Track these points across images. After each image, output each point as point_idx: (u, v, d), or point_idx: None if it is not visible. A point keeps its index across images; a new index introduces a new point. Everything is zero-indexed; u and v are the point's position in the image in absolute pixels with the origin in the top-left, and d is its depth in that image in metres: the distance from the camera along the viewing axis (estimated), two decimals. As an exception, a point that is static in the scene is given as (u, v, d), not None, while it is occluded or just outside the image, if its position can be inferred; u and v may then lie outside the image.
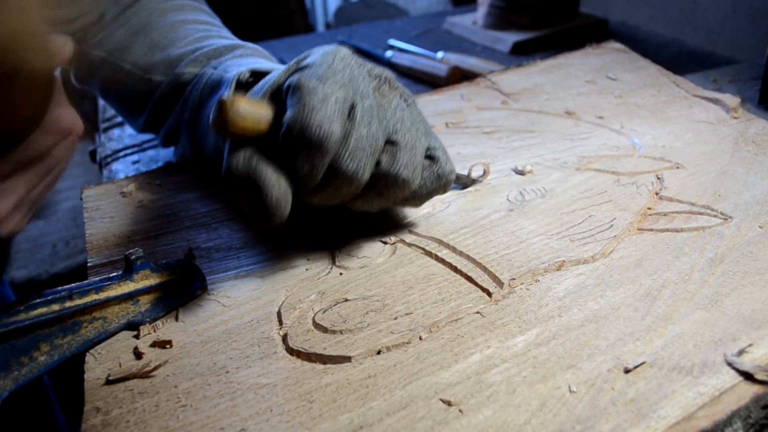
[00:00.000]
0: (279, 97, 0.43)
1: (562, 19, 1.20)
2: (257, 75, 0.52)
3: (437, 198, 0.54)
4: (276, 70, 0.46)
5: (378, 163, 0.42)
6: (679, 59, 1.06)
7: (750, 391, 0.34)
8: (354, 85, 0.42)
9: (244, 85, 0.51)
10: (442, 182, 0.46)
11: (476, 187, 0.56)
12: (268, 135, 0.41)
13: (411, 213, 0.53)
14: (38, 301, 0.40)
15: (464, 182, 0.56)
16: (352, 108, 0.41)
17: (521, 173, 0.55)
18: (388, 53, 1.10)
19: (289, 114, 0.39)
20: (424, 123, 0.47)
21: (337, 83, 0.40)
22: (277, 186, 0.39)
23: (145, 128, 0.66)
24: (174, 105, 0.60)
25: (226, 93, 0.45)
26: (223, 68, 0.56)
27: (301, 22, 2.80)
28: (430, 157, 0.46)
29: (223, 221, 0.54)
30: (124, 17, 0.62)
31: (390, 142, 0.43)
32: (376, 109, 0.42)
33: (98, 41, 0.61)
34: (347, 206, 0.45)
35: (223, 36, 0.64)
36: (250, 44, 0.62)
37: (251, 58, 0.59)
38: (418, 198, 0.46)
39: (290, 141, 0.39)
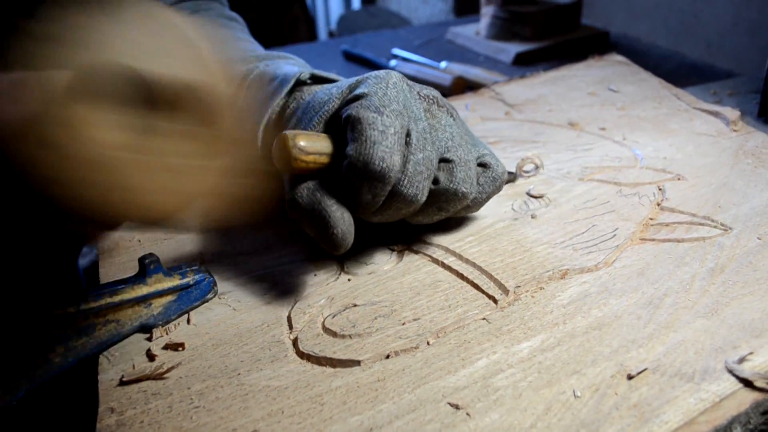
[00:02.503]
0: (334, 123, 0.45)
1: (563, 31, 1.22)
2: (315, 79, 0.53)
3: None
4: (328, 87, 0.48)
5: (436, 181, 0.44)
6: (680, 72, 1.07)
7: (750, 397, 0.34)
8: (408, 112, 0.43)
9: (300, 83, 0.53)
10: (497, 184, 0.48)
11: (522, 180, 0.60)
12: (329, 165, 0.42)
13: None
14: (54, 303, 0.41)
15: (510, 179, 0.59)
16: (407, 135, 0.42)
17: (535, 197, 0.56)
18: (392, 62, 1.11)
19: (351, 148, 0.40)
20: (470, 133, 0.49)
21: (394, 112, 0.41)
22: (342, 221, 0.41)
23: None
24: None
25: (287, 129, 0.47)
26: (275, 66, 0.56)
27: (305, 30, 2.81)
28: (483, 164, 0.48)
29: (233, 227, 0.55)
30: None
31: (445, 160, 0.44)
32: (429, 132, 0.44)
33: None
34: (406, 220, 0.47)
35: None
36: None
37: (293, 61, 0.60)
38: (477, 204, 0.48)
39: (353, 174, 0.40)
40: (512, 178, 0.59)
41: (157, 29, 0.33)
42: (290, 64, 0.57)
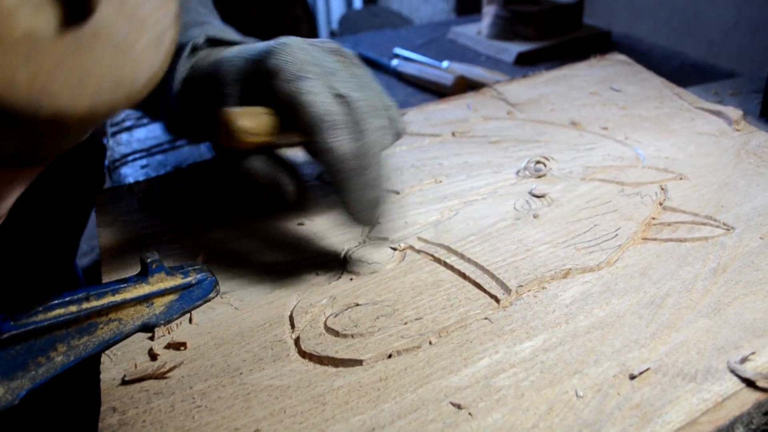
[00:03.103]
0: (252, 93, 0.45)
1: (565, 31, 1.22)
2: (212, 42, 0.54)
3: (445, 205, 0.55)
4: (231, 59, 0.48)
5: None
6: (681, 71, 1.07)
7: (752, 397, 0.34)
8: (324, 68, 0.44)
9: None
10: (398, 137, 0.50)
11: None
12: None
13: (419, 220, 0.54)
14: (56, 302, 0.41)
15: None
16: (333, 89, 0.43)
17: (538, 197, 0.56)
18: (394, 62, 1.11)
19: (297, 119, 0.42)
20: (374, 78, 0.49)
21: (314, 74, 0.43)
22: (292, 182, 0.44)
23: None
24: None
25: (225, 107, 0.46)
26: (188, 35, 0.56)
27: (307, 29, 2.81)
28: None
29: (234, 225, 0.55)
30: None
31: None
32: (350, 78, 0.46)
33: None
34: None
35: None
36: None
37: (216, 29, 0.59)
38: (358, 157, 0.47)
39: (309, 135, 0.42)
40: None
41: None
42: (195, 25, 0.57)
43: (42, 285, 0.69)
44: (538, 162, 0.61)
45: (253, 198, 0.46)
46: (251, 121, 0.42)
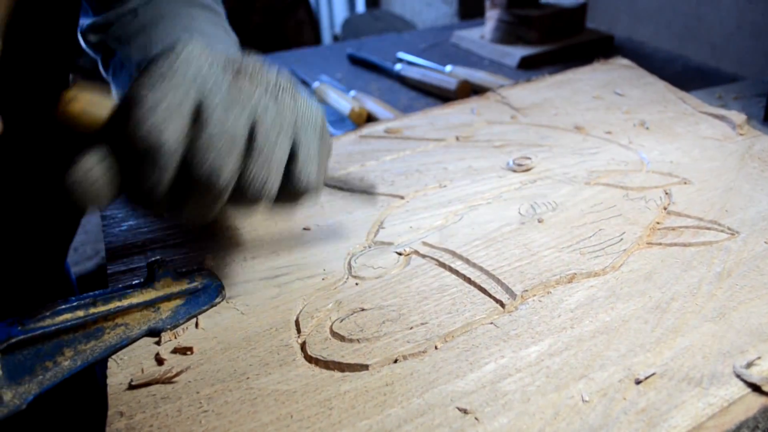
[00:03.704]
0: None
1: (568, 35, 1.22)
2: None
3: (450, 210, 0.56)
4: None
5: None
6: (684, 75, 1.07)
7: (758, 402, 0.34)
8: (199, 84, 0.38)
9: None
10: (298, 193, 0.43)
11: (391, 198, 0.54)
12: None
13: (424, 225, 0.54)
14: (63, 307, 0.41)
15: (362, 189, 0.53)
16: (198, 109, 0.38)
17: (519, 165, 0.55)
18: (397, 66, 1.12)
19: (119, 129, 0.36)
20: (299, 117, 0.42)
21: (174, 85, 0.37)
22: (92, 161, 0.36)
23: None
24: None
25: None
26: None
27: (310, 33, 2.82)
28: (289, 164, 0.42)
29: (240, 231, 0.55)
30: (143, 10, 0.63)
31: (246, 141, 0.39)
32: (231, 105, 0.39)
33: (117, 35, 0.63)
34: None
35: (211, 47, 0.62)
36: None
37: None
38: (282, 206, 0.44)
39: (125, 157, 0.36)
40: (370, 190, 0.53)
41: None
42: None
43: (32, 287, 0.69)
44: (522, 158, 0.62)
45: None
46: (86, 99, 0.37)
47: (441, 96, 1.02)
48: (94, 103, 0.38)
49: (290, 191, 0.42)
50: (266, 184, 0.40)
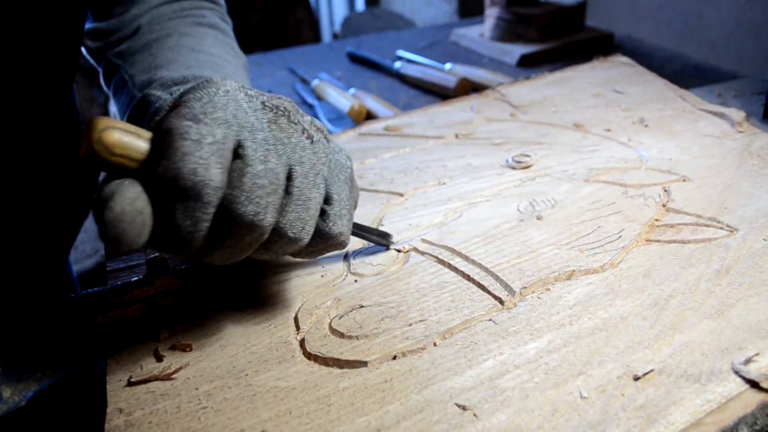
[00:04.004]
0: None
1: (568, 32, 1.22)
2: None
3: (449, 207, 0.56)
4: (170, 96, 0.41)
5: None
6: (684, 73, 1.07)
7: (756, 398, 0.35)
8: (241, 120, 0.37)
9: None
10: (329, 243, 0.42)
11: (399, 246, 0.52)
12: (145, 174, 0.35)
13: (423, 222, 0.54)
14: (63, 304, 0.41)
15: (383, 243, 0.51)
16: (240, 146, 0.36)
17: (519, 162, 0.55)
18: (397, 64, 1.12)
19: (160, 163, 0.34)
20: (332, 162, 0.42)
21: (216, 120, 0.35)
22: (129, 201, 0.33)
23: None
24: (141, 124, 0.56)
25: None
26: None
27: (310, 31, 2.82)
28: (323, 211, 0.41)
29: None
30: (147, 25, 0.63)
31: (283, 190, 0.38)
32: (274, 143, 0.38)
33: (120, 50, 0.62)
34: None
35: (218, 71, 0.60)
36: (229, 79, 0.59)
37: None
38: (306, 254, 0.43)
39: (164, 194, 0.34)
40: (383, 242, 0.51)
41: None
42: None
43: (35, 284, 0.69)
44: (521, 155, 0.63)
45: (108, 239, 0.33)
46: (121, 137, 0.34)
47: (440, 94, 1.02)
48: (128, 134, 0.35)
49: (321, 237, 0.41)
50: (305, 227, 0.39)
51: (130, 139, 0.34)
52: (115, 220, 0.32)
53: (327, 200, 0.41)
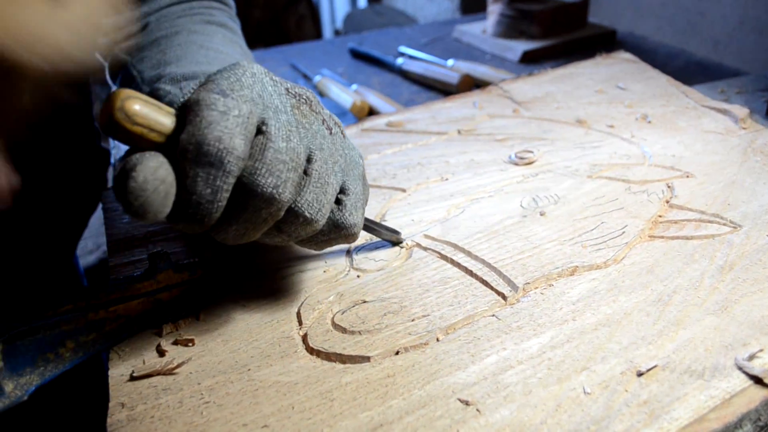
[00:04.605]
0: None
1: (570, 29, 1.22)
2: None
3: (452, 203, 0.55)
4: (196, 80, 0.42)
5: None
6: (687, 70, 1.07)
7: (760, 394, 0.34)
8: (266, 101, 0.38)
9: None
10: (341, 233, 0.42)
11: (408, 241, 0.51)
12: (169, 149, 0.35)
13: (424, 218, 0.54)
14: (65, 298, 0.41)
15: (393, 239, 0.51)
16: (263, 124, 0.37)
17: (522, 159, 0.55)
18: (399, 60, 1.11)
19: (184, 131, 0.34)
20: (347, 157, 0.43)
21: (243, 97, 0.36)
22: (152, 171, 0.33)
23: None
24: None
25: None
26: (184, 94, 0.53)
27: (312, 28, 2.81)
28: (338, 201, 0.42)
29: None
30: (155, 21, 0.63)
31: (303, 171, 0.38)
32: (296, 126, 0.38)
33: (128, 45, 0.62)
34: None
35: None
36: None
37: None
38: (316, 243, 0.43)
39: (186, 160, 0.34)
40: (393, 238, 0.51)
41: None
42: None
43: (42, 278, 0.69)
44: (524, 151, 0.63)
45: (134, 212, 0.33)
46: (143, 107, 0.34)
47: (443, 90, 1.02)
48: (150, 105, 0.35)
49: (335, 226, 0.41)
50: (321, 209, 0.39)
51: (151, 110, 0.34)
52: (139, 189, 0.32)
53: (342, 191, 0.42)
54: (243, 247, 0.51)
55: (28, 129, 0.37)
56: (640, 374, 0.36)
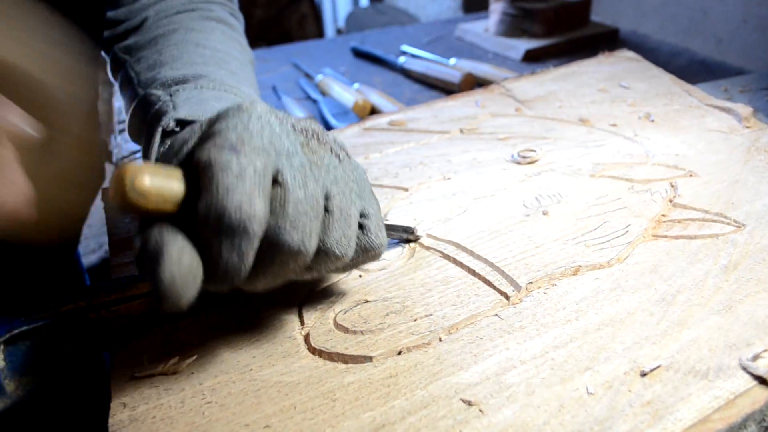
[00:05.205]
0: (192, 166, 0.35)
1: (573, 28, 1.22)
2: (185, 124, 0.48)
3: (454, 202, 0.55)
4: (193, 124, 0.40)
5: None
6: (690, 69, 1.06)
7: (764, 395, 0.34)
8: (277, 146, 0.36)
9: (171, 133, 0.48)
10: (370, 255, 0.42)
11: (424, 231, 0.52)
12: (183, 211, 0.34)
13: (426, 217, 0.53)
14: (66, 298, 0.41)
15: (411, 238, 0.51)
16: (278, 173, 0.35)
17: (524, 158, 0.55)
18: (401, 59, 1.11)
19: (201, 200, 0.33)
20: (359, 180, 0.42)
21: (255, 149, 0.34)
22: (177, 264, 0.32)
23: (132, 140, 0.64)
24: (142, 122, 0.55)
25: (139, 161, 0.38)
26: (174, 101, 0.51)
27: (314, 27, 2.81)
28: (360, 226, 0.41)
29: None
30: (153, 18, 0.63)
31: (323, 208, 0.38)
32: (309, 167, 0.37)
33: (126, 45, 0.62)
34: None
35: (223, 67, 0.59)
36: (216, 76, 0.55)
37: (209, 91, 0.53)
38: (344, 269, 0.43)
39: (209, 232, 0.33)
40: (412, 238, 0.51)
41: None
42: (188, 99, 0.51)
43: (44, 275, 0.69)
44: (526, 150, 0.63)
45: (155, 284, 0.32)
46: (152, 180, 0.32)
47: (445, 89, 1.02)
48: (159, 176, 0.33)
49: (363, 251, 0.41)
50: (350, 243, 0.39)
51: (162, 181, 0.33)
52: (169, 289, 0.32)
53: (362, 215, 0.41)
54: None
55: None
56: (643, 374, 0.36)
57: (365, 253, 0.41)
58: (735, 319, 0.40)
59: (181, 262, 0.32)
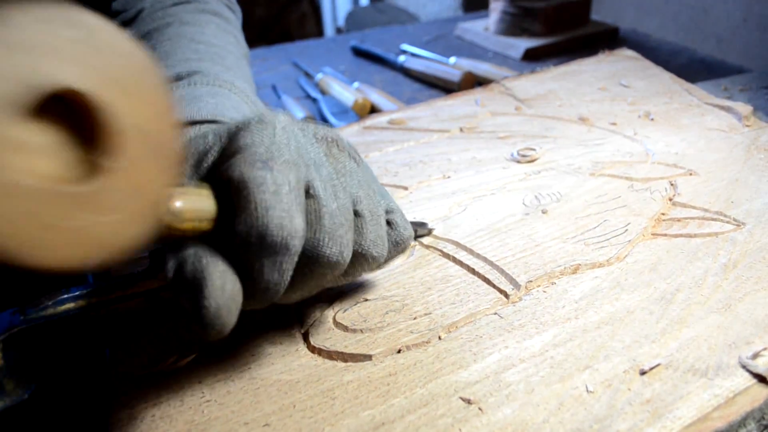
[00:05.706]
0: (214, 177, 0.34)
1: (573, 26, 1.21)
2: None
3: (454, 201, 0.55)
4: (204, 131, 0.38)
5: None
6: (690, 67, 1.06)
7: (764, 393, 0.34)
8: (305, 158, 0.35)
9: None
10: (400, 249, 0.42)
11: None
12: (215, 229, 0.33)
13: (428, 215, 0.53)
14: (66, 296, 0.41)
15: (424, 233, 0.52)
16: (309, 186, 0.35)
17: (523, 157, 0.55)
18: (401, 58, 1.11)
19: (239, 221, 0.32)
20: (376, 180, 0.42)
21: (287, 164, 0.33)
22: (220, 292, 0.31)
23: None
24: None
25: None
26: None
27: (313, 26, 2.81)
28: (388, 223, 0.41)
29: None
30: (148, 15, 0.62)
31: (354, 214, 0.37)
32: (337, 177, 0.37)
33: None
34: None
35: (218, 62, 0.58)
36: (209, 73, 0.54)
37: (203, 87, 0.52)
38: (380, 267, 0.42)
39: (250, 254, 0.32)
40: (426, 232, 0.51)
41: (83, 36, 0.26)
42: (184, 97, 0.51)
43: (44, 274, 0.69)
44: (526, 149, 0.62)
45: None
46: (185, 201, 0.31)
47: (445, 88, 1.02)
48: (189, 194, 0.32)
49: (394, 246, 0.41)
50: (384, 243, 0.39)
51: (194, 200, 0.32)
52: (215, 318, 0.31)
53: (387, 211, 0.41)
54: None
55: None
56: (643, 373, 0.36)
57: (396, 247, 0.41)
58: (734, 317, 0.40)
59: (225, 289, 0.31)
